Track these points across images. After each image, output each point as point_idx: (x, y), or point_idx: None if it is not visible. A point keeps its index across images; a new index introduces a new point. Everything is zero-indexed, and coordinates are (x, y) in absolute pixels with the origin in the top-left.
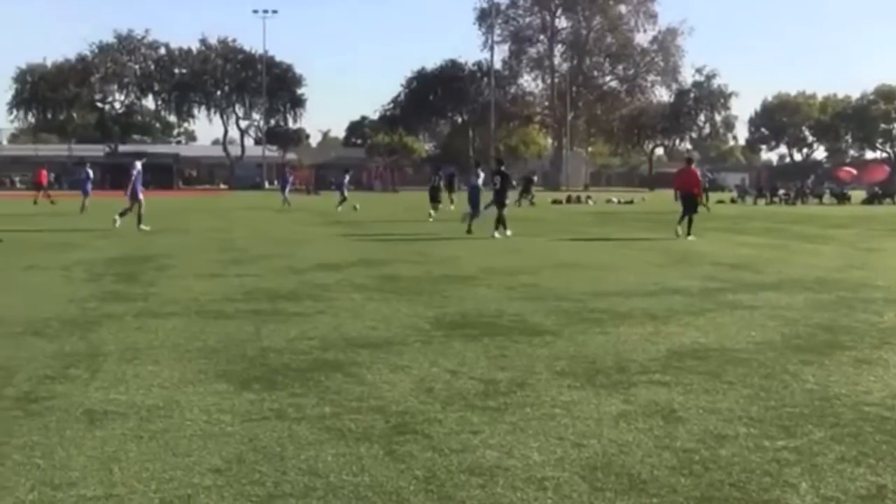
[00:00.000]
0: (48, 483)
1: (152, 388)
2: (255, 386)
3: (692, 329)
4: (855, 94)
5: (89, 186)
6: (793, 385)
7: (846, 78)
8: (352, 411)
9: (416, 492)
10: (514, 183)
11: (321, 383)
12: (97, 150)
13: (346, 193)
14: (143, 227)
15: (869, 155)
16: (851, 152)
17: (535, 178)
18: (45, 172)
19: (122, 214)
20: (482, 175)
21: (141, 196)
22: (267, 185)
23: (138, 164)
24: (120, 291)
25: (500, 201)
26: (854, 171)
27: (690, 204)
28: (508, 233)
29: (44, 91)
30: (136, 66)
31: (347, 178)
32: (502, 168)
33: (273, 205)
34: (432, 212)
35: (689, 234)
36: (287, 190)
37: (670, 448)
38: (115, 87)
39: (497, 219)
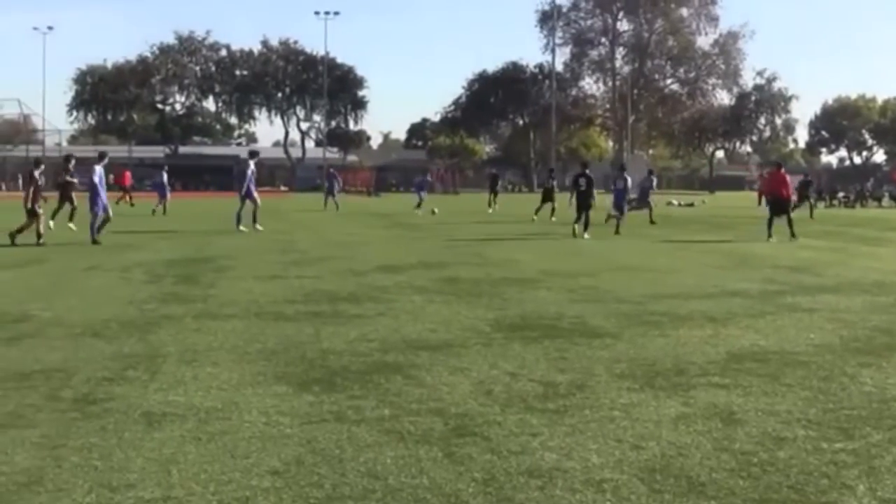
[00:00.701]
0: (106, 485)
1: (211, 390)
2: (315, 388)
3: (751, 331)
4: None
5: (167, 189)
6: (851, 387)
7: None
8: (411, 413)
9: (474, 494)
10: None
11: (381, 385)
12: (157, 152)
13: (423, 196)
14: (258, 226)
15: None
16: None
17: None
18: (129, 174)
19: (238, 217)
20: (628, 178)
21: (256, 195)
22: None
23: (252, 164)
24: (179, 293)
25: (586, 203)
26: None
27: (779, 207)
28: (587, 236)
29: (104, 92)
30: (197, 68)
31: (427, 177)
32: (587, 171)
33: (333, 207)
34: (551, 215)
35: (792, 234)
36: (336, 192)
37: (729, 450)
38: (176, 88)
39: (584, 221)
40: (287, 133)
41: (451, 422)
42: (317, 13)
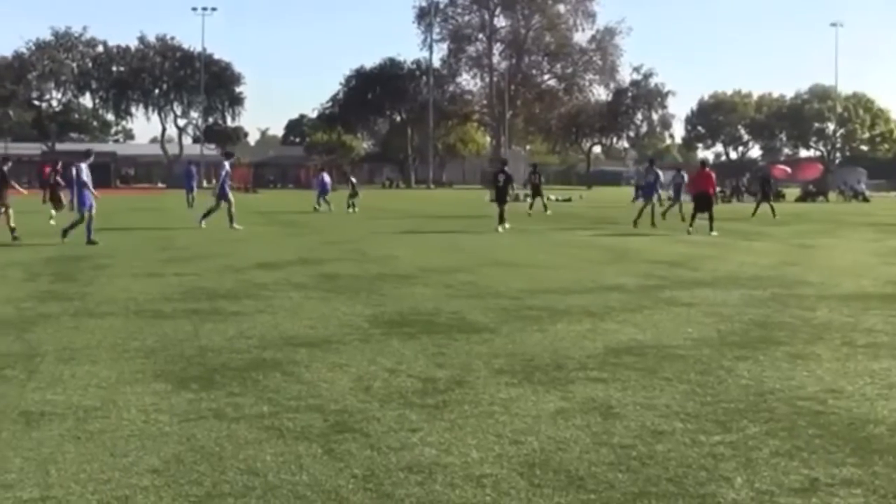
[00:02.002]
0: None
1: (89, 389)
2: (194, 385)
3: (629, 326)
4: (789, 94)
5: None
6: (728, 381)
7: (781, 77)
8: (290, 410)
9: (354, 490)
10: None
11: (259, 382)
12: (34, 149)
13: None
14: (235, 226)
15: (803, 153)
16: (786, 150)
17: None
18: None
19: (206, 215)
20: (659, 173)
21: (230, 195)
22: (205, 183)
23: (227, 164)
24: (57, 291)
25: (503, 198)
26: (788, 170)
27: (706, 203)
28: (500, 229)
29: None
30: (74, 64)
31: (326, 177)
32: (505, 168)
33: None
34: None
35: (711, 228)
36: (195, 188)
37: (608, 444)
38: (53, 84)
39: (501, 215)
40: (164, 129)
41: (331, 418)
42: (194, 9)
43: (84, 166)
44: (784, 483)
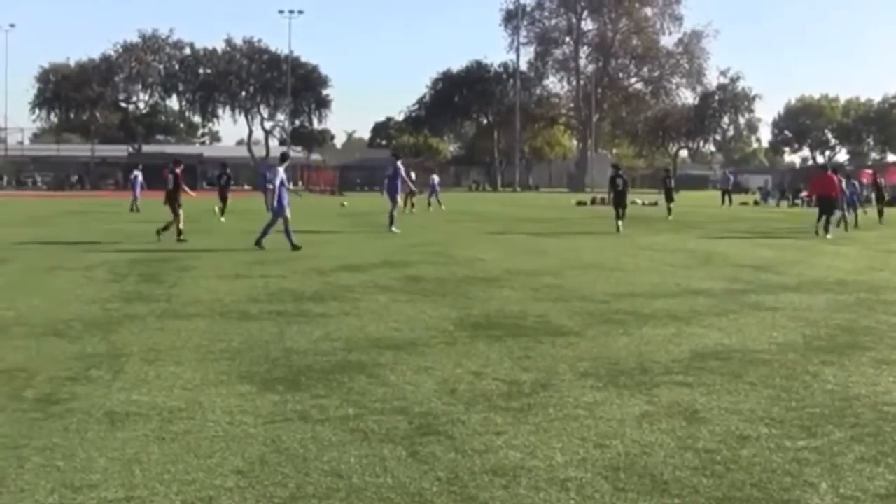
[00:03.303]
0: (68, 485)
1: (174, 390)
2: (279, 387)
3: (715, 330)
4: (877, 98)
5: (138, 188)
6: (813, 386)
7: (868, 81)
8: (375, 412)
9: (438, 493)
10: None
11: (344, 384)
12: (121, 151)
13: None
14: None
15: (890, 158)
16: (873, 155)
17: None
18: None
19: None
20: (854, 182)
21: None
22: (291, 185)
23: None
24: (142, 292)
25: (623, 201)
26: (874, 174)
27: (828, 206)
28: (622, 229)
29: (67, 90)
30: (161, 66)
31: (436, 178)
32: (620, 171)
33: (296, 204)
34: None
35: (827, 232)
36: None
37: (692, 449)
38: (139, 86)
39: (622, 216)
40: (251, 132)
41: (415, 421)
42: (281, 12)
43: (281, 169)
44: (869, 489)
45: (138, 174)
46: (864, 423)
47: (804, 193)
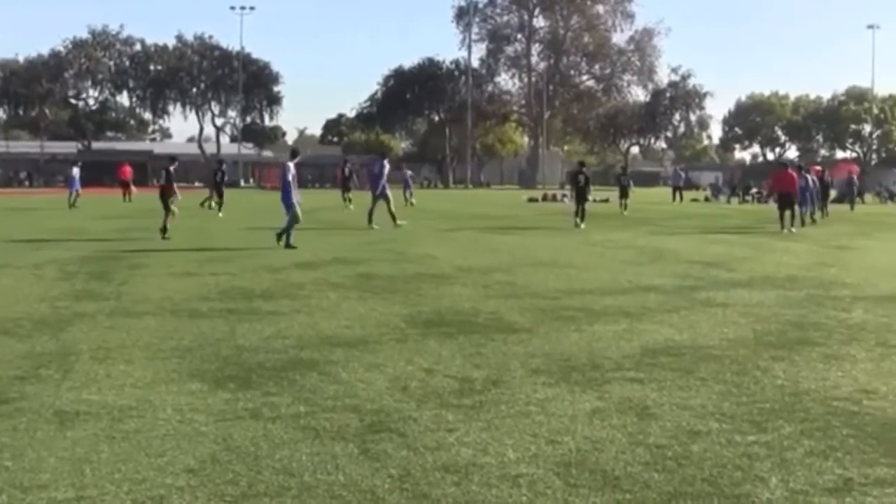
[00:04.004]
0: (17, 486)
1: (125, 388)
2: (230, 385)
3: (666, 326)
4: (826, 95)
5: (78, 184)
6: (764, 381)
7: (818, 79)
8: (327, 410)
9: (390, 490)
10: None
11: (296, 382)
12: (70, 148)
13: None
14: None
15: (839, 155)
16: (822, 152)
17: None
18: (129, 169)
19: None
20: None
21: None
22: (242, 182)
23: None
24: (92, 290)
25: (584, 197)
26: (821, 171)
27: (788, 202)
28: (583, 226)
29: (15, 87)
30: (111, 63)
31: (409, 172)
32: (584, 168)
33: (248, 201)
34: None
35: (792, 225)
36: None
37: (644, 444)
38: (89, 83)
39: (581, 213)
40: (202, 129)
41: (367, 418)
42: (232, 8)
43: (291, 165)
44: (818, 483)
45: (76, 171)
46: (813, 418)
47: (754, 190)
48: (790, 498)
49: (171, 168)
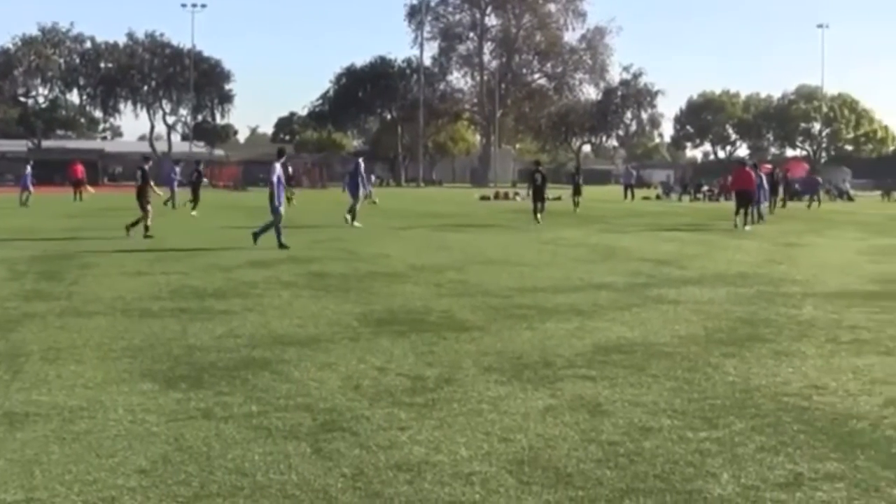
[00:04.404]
0: None
1: (75, 389)
2: (182, 385)
3: (617, 324)
4: (776, 94)
5: (31, 182)
6: (715, 377)
7: (768, 77)
8: (279, 409)
9: (343, 489)
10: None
11: (248, 381)
12: (20, 146)
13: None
14: (356, 224)
15: (789, 153)
16: (773, 150)
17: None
18: (81, 167)
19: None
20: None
21: (362, 192)
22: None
23: (278, 166)
24: (42, 290)
25: (541, 195)
26: (771, 169)
27: (746, 200)
28: (541, 222)
29: None
30: (61, 60)
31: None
32: (540, 167)
33: (203, 201)
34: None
35: (745, 224)
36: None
37: (596, 441)
38: (39, 80)
39: (541, 210)
40: (153, 127)
41: (320, 417)
42: (183, 5)
43: (277, 165)
44: (769, 478)
45: (29, 169)
46: (764, 414)
47: (705, 188)
48: (742, 493)
49: (146, 167)
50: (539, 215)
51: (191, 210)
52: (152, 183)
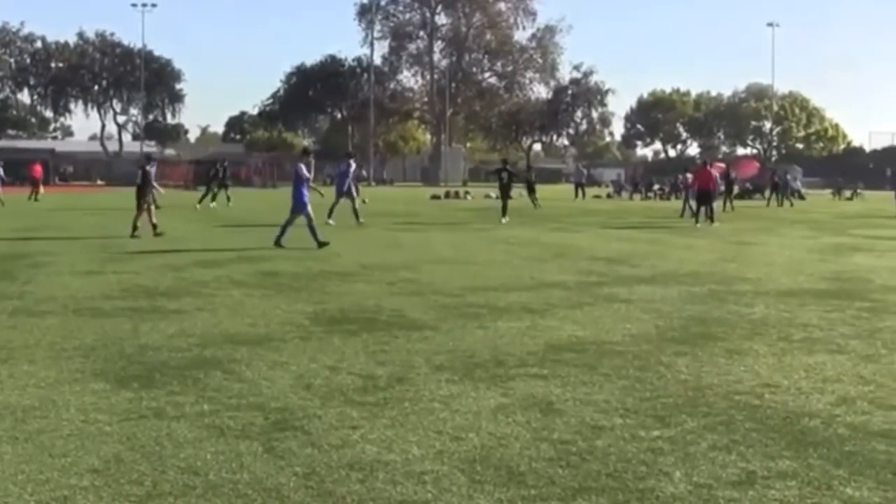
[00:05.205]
0: None
1: (27, 388)
2: (133, 384)
3: (569, 322)
4: (727, 92)
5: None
6: (667, 376)
7: (718, 76)
8: (231, 408)
9: (295, 488)
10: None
11: (200, 381)
12: None
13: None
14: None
15: (740, 151)
16: (724, 148)
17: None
18: (39, 167)
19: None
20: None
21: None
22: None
23: (302, 165)
24: None
25: (507, 193)
26: (725, 167)
27: (707, 198)
28: (506, 219)
29: None
30: (11, 60)
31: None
32: (507, 166)
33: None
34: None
35: (712, 221)
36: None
37: (548, 440)
38: None
39: (504, 208)
40: (104, 126)
41: (272, 416)
42: (133, 5)
43: (302, 165)
44: (721, 476)
45: None
46: (716, 413)
47: (656, 186)
48: (694, 492)
49: (148, 167)
50: (505, 217)
51: (209, 202)
52: (155, 183)
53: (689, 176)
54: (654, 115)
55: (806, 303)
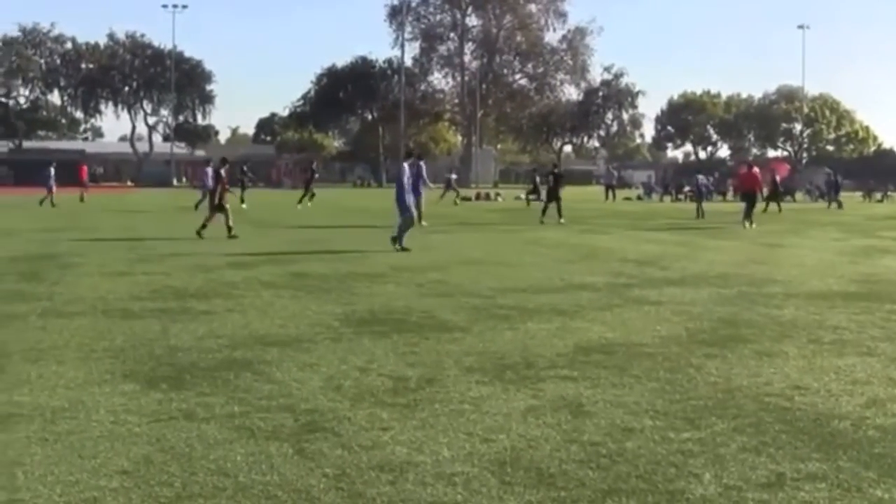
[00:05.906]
0: None
1: (57, 389)
2: (163, 385)
3: (599, 324)
4: (757, 95)
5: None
6: (697, 378)
7: (749, 78)
8: (261, 410)
9: (325, 490)
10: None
11: (230, 382)
12: (1, 147)
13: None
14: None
15: (771, 153)
16: (754, 150)
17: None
18: (85, 168)
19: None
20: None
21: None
22: (175, 181)
23: (406, 166)
24: (23, 290)
25: (556, 195)
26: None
27: (752, 200)
28: (562, 220)
29: None
30: (42, 61)
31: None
32: (556, 169)
33: (183, 202)
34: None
35: (751, 223)
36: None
37: (578, 442)
38: (20, 81)
39: (558, 209)
40: (134, 128)
41: (302, 418)
42: (164, 6)
43: (406, 166)
44: (751, 478)
45: (52, 171)
46: (746, 415)
47: (686, 188)
48: (724, 494)
49: (222, 170)
50: (543, 215)
51: (307, 202)
52: (227, 186)
53: (701, 178)
54: (684, 116)
55: (835, 305)
